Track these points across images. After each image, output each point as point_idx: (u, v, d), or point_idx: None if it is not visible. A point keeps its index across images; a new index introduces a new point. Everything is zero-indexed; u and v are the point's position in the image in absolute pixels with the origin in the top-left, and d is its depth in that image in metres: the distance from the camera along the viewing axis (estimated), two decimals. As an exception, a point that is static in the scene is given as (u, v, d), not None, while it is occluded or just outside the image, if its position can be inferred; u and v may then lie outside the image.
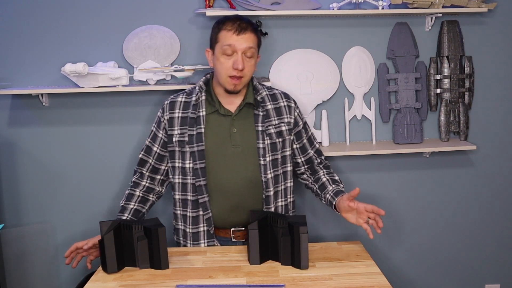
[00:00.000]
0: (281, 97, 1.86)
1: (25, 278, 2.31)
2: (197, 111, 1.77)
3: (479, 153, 2.38)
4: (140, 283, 1.51)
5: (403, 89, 2.24)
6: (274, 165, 1.80)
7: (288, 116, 1.84)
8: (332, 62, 2.24)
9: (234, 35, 1.68)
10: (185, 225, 1.83)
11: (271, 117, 1.81)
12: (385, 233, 2.41)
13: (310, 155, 1.92)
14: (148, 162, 1.87)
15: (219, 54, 1.71)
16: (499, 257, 2.48)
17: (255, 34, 1.73)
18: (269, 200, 1.79)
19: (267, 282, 1.49)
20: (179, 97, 1.83)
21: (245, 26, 1.70)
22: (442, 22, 2.23)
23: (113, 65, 2.10)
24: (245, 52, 1.70)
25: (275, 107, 1.83)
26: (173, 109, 1.80)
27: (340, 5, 2.12)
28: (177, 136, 1.78)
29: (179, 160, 1.79)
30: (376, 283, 1.48)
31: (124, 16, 2.15)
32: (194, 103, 1.78)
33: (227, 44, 1.68)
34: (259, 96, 1.81)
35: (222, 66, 1.71)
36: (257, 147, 1.77)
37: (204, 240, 1.80)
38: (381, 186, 2.37)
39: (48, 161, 2.24)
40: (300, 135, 1.89)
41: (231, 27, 1.69)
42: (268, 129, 1.79)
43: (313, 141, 1.95)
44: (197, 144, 1.75)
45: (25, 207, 2.27)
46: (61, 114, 2.21)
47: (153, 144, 1.85)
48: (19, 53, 2.15)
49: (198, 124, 1.76)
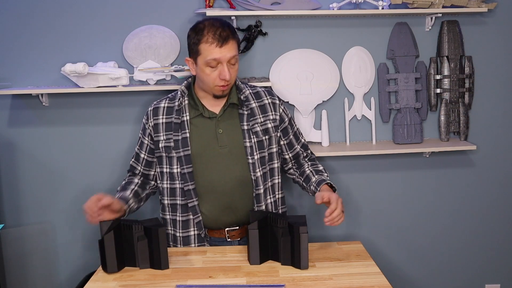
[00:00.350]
0: (265, 94, 1.86)
1: (25, 278, 2.31)
2: (181, 116, 1.77)
3: (479, 153, 2.38)
4: (140, 283, 1.51)
5: (403, 89, 2.24)
6: (262, 162, 1.81)
7: (273, 113, 1.84)
8: (332, 62, 2.24)
9: (217, 48, 1.64)
10: (174, 229, 1.83)
11: (256, 115, 1.81)
12: (385, 233, 2.41)
13: (297, 150, 1.93)
14: (137, 168, 1.89)
15: (203, 66, 1.68)
16: (499, 257, 2.48)
17: (235, 39, 1.69)
18: (259, 198, 1.80)
19: (267, 282, 1.49)
20: (162, 102, 1.83)
21: (225, 35, 1.64)
22: (442, 22, 2.23)
23: (113, 65, 2.10)
24: (229, 61, 1.68)
25: (260, 105, 1.83)
26: (156, 115, 1.80)
27: (340, 5, 2.12)
28: (163, 142, 1.78)
29: (167, 165, 1.80)
30: (376, 283, 1.48)
31: (124, 16, 2.15)
32: (177, 108, 1.78)
33: (211, 58, 1.65)
34: (243, 95, 1.80)
35: (208, 77, 1.69)
36: (244, 146, 1.77)
37: (194, 244, 1.81)
38: (381, 186, 2.37)
39: (48, 161, 2.24)
40: (287, 131, 1.90)
41: (212, 39, 1.64)
42: (254, 127, 1.79)
43: (299, 136, 1.95)
44: (183, 149, 1.75)
45: (25, 207, 2.27)
46: (61, 114, 2.21)
47: (141, 151, 1.87)
48: (19, 53, 2.15)
49: (182, 129, 1.76)
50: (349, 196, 2.36)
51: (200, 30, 1.67)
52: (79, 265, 2.33)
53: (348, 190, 2.36)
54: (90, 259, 2.31)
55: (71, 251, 2.31)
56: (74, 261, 2.32)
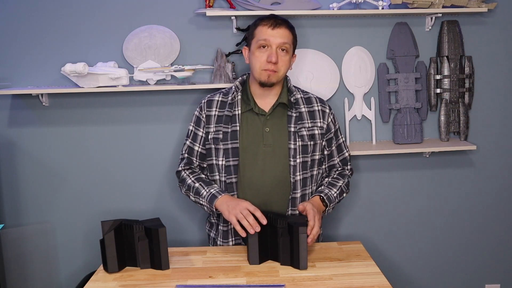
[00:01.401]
0: (316, 101, 1.86)
1: (25, 278, 2.31)
2: (233, 110, 1.79)
3: (479, 153, 2.38)
4: (140, 283, 1.51)
5: (403, 89, 2.24)
6: (304, 167, 1.80)
7: (321, 120, 1.84)
8: (332, 62, 2.24)
9: (269, 30, 1.72)
10: (217, 221, 1.86)
11: (305, 119, 1.81)
12: (385, 233, 2.41)
13: (334, 163, 1.91)
14: (194, 162, 1.87)
15: (255, 49, 1.74)
16: (499, 257, 2.48)
17: (290, 31, 1.76)
18: (295, 202, 1.79)
19: (267, 282, 1.49)
20: (216, 96, 1.85)
21: (280, 22, 1.73)
22: (442, 22, 2.23)
23: (113, 65, 2.10)
24: (279, 47, 1.72)
25: (309, 110, 1.83)
26: (210, 107, 1.82)
27: (340, 5, 2.12)
28: (212, 133, 1.80)
29: (212, 157, 1.81)
30: (376, 283, 1.48)
31: (124, 16, 2.15)
32: (230, 102, 1.80)
33: (262, 39, 1.72)
34: (293, 98, 1.81)
35: (256, 59, 1.73)
36: (288, 147, 1.77)
37: (232, 238, 1.82)
38: (381, 186, 2.37)
39: (48, 161, 2.24)
40: (330, 143, 1.88)
41: (267, 22, 1.73)
42: (301, 130, 1.79)
43: (343, 149, 1.92)
44: (232, 141, 1.77)
45: (25, 207, 2.27)
46: (61, 114, 2.21)
47: (194, 144, 1.85)
48: (19, 53, 2.15)
49: (233, 122, 1.78)
50: (349, 196, 2.36)
51: (261, 17, 1.78)
52: (79, 265, 2.33)
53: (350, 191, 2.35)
54: (90, 259, 2.31)
55: (71, 251, 2.31)
56: (74, 261, 2.32)
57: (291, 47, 1.76)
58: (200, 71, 2.17)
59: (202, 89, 2.17)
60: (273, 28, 1.72)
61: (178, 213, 2.31)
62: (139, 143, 2.25)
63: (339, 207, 2.36)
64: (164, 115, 2.24)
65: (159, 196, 2.30)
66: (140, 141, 2.25)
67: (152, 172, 2.28)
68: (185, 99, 2.21)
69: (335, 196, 1.81)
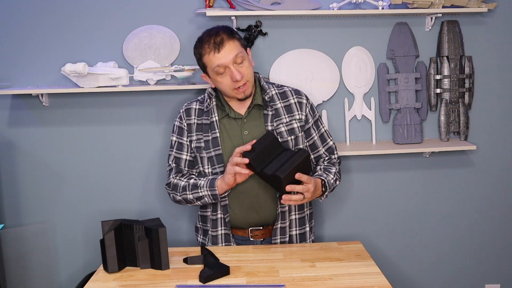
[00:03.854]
0: (292, 94, 1.84)
1: (25, 278, 2.31)
2: (210, 117, 1.79)
3: (479, 153, 2.38)
4: (140, 283, 1.51)
5: (403, 89, 2.24)
6: None
7: (299, 112, 1.83)
8: (332, 62, 2.24)
9: (216, 54, 1.66)
10: (205, 225, 1.87)
11: (281, 115, 1.80)
12: (385, 233, 2.41)
13: (320, 153, 1.89)
14: (182, 170, 1.84)
15: (215, 76, 1.71)
16: (499, 257, 2.48)
17: (232, 40, 1.68)
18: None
19: (267, 282, 1.49)
20: (193, 104, 1.84)
21: (220, 40, 1.66)
22: (442, 22, 2.23)
23: (113, 65, 2.10)
24: (234, 62, 1.68)
25: (285, 105, 1.82)
26: (189, 115, 1.82)
27: (340, 5, 2.12)
28: (195, 142, 1.80)
29: (200, 165, 1.81)
30: (376, 283, 1.48)
31: (124, 16, 2.15)
32: (206, 109, 1.80)
33: (215, 66, 1.67)
34: (267, 96, 1.80)
35: (223, 85, 1.71)
36: None
37: (222, 243, 1.82)
38: (381, 186, 2.37)
39: (48, 161, 2.24)
40: (309, 133, 1.86)
41: (209, 48, 1.66)
42: (279, 127, 1.79)
43: (327, 138, 1.90)
44: (214, 148, 1.76)
45: (25, 207, 2.27)
46: (61, 114, 2.21)
47: (181, 153, 1.84)
48: (19, 53, 2.15)
49: (212, 129, 1.77)
50: (349, 196, 2.36)
51: (199, 45, 1.71)
52: (79, 265, 2.33)
53: (348, 190, 2.36)
54: (90, 259, 2.31)
55: (71, 251, 2.31)
56: (74, 261, 2.32)
57: (243, 51, 1.71)
58: (200, 71, 2.17)
59: (202, 89, 2.17)
60: (218, 51, 1.65)
61: (178, 213, 2.31)
62: (140, 143, 2.25)
63: (339, 207, 2.36)
64: (164, 115, 2.24)
65: (159, 196, 2.30)
66: (140, 141, 2.25)
67: (152, 172, 2.28)
68: (185, 99, 2.21)
69: (332, 183, 1.79)
